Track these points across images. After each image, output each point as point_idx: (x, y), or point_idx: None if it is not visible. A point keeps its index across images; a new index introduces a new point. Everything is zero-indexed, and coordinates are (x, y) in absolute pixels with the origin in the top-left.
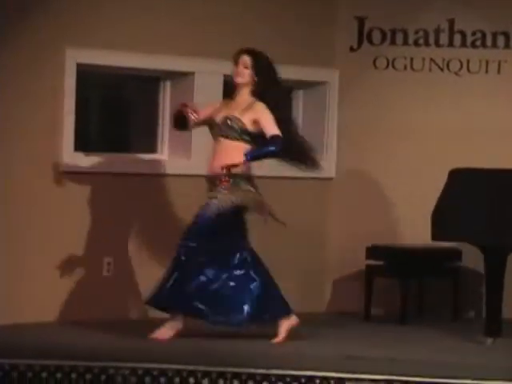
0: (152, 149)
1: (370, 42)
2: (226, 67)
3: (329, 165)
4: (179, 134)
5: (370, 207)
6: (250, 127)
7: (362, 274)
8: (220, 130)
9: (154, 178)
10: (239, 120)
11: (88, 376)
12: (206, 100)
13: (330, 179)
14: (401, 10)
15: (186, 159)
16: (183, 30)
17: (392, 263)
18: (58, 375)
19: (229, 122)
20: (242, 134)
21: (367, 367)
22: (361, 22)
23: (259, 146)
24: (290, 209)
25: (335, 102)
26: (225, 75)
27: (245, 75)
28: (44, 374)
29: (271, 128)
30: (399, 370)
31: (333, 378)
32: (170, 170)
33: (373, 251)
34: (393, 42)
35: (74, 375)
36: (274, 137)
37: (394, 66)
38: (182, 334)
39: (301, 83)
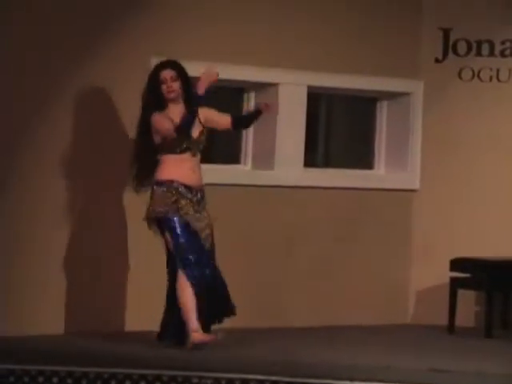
0: (236, 160)
1: (456, 53)
2: (310, 78)
3: (413, 176)
4: (263, 145)
5: (454, 219)
6: None
7: (446, 286)
8: (196, 146)
9: (237, 188)
10: (205, 132)
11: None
12: (289, 111)
13: (414, 191)
14: (487, 20)
15: (269, 170)
16: (267, 41)
17: (477, 276)
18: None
19: (203, 137)
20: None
21: (451, 380)
22: (446, 33)
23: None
24: (374, 220)
25: (419, 113)
26: (308, 86)
27: (177, 89)
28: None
29: (225, 115)
30: (484, 383)
31: None
32: (253, 181)
33: (457, 263)
34: (478, 53)
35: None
36: (233, 117)
37: (479, 78)
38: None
39: (385, 94)
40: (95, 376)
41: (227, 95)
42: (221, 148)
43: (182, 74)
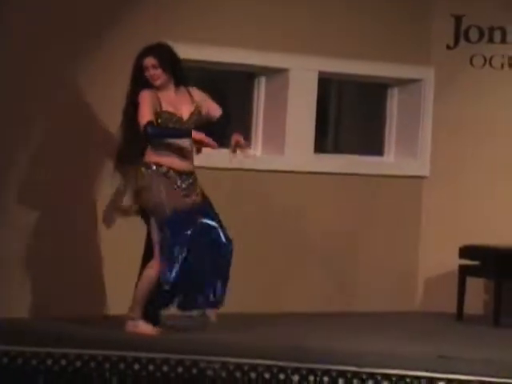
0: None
1: (467, 39)
2: (321, 63)
3: (423, 163)
4: (274, 130)
5: (463, 206)
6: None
7: (455, 273)
8: (189, 127)
9: (247, 173)
10: (199, 112)
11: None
12: (300, 96)
13: (424, 177)
14: (499, 7)
15: (279, 155)
16: (278, 26)
17: (486, 263)
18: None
19: (195, 117)
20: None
21: (459, 367)
22: (458, 19)
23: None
24: (383, 207)
25: (430, 99)
26: (319, 72)
27: (160, 75)
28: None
29: (217, 108)
30: (492, 371)
31: (424, 377)
32: (263, 166)
33: (466, 251)
34: (490, 40)
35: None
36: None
37: (491, 65)
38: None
39: (396, 81)
40: (89, 358)
41: (237, 80)
42: (231, 133)
43: (162, 60)
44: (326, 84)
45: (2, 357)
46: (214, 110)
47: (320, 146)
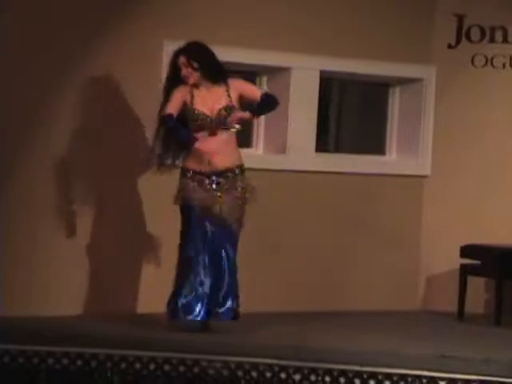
0: (247, 144)
1: (469, 39)
2: (323, 63)
3: (424, 162)
4: (275, 130)
5: (465, 205)
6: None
7: (456, 273)
8: (216, 123)
9: (248, 172)
10: (233, 108)
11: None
12: (301, 95)
13: (425, 177)
14: (500, 7)
15: (280, 154)
16: (280, 25)
17: (487, 262)
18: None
19: (224, 113)
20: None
21: (461, 367)
22: (460, 19)
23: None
24: (384, 206)
25: (432, 99)
26: (321, 71)
27: (193, 74)
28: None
29: (257, 91)
30: (493, 370)
31: (425, 376)
32: (264, 165)
33: (467, 250)
34: (492, 40)
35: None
36: (265, 95)
37: (492, 64)
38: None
39: (398, 80)
40: (91, 356)
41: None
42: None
43: (193, 59)
44: (328, 83)
45: (4, 355)
46: (254, 92)
47: (321, 145)
